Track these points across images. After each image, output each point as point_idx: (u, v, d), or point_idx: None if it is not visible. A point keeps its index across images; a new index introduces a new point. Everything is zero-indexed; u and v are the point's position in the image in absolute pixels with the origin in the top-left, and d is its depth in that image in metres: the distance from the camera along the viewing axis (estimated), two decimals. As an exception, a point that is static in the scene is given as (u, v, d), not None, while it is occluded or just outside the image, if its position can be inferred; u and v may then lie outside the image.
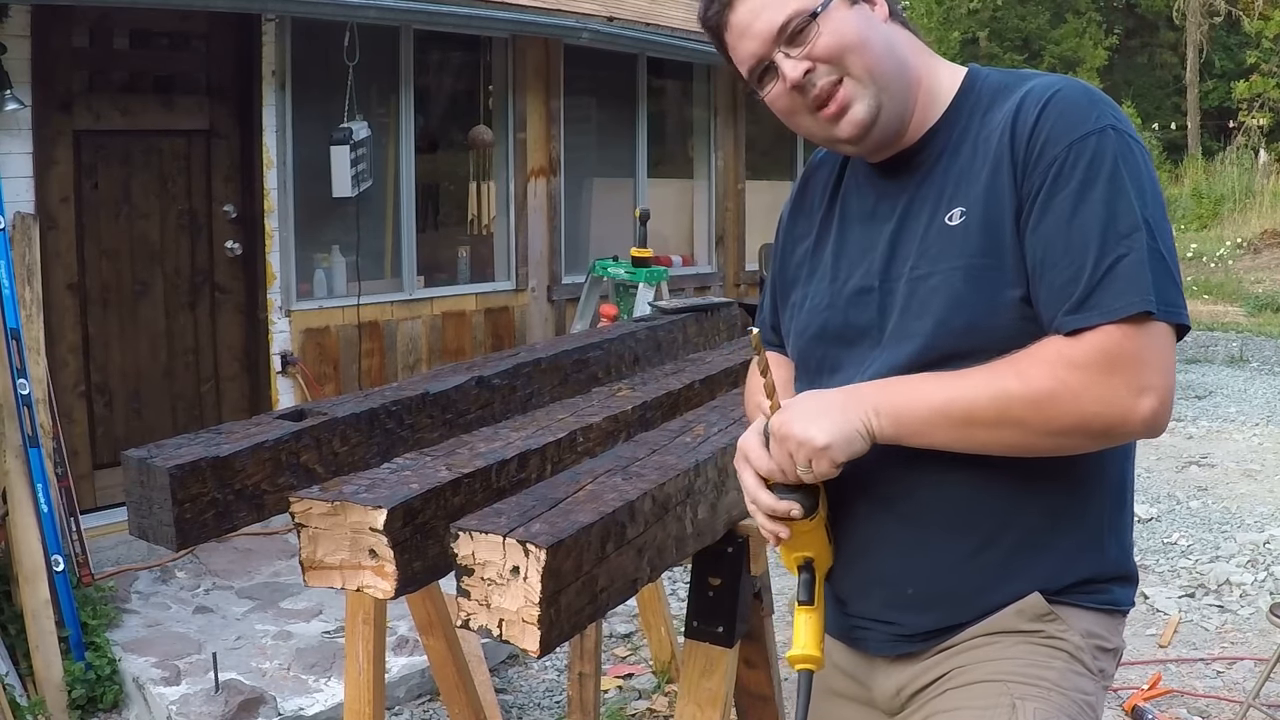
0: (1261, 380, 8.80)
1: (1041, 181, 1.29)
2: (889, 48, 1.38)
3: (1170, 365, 1.27)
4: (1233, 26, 26.04)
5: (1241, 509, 5.74)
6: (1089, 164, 1.27)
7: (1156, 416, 1.25)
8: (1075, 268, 1.26)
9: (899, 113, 1.39)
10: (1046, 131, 1.30)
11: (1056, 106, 1.31)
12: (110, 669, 3.81)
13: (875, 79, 1.36)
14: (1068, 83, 1.35)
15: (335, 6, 5.11)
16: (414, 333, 5.90)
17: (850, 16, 1.36)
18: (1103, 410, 1.24)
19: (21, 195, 4.42)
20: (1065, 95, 1.32)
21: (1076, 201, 1.27)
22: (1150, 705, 3.70)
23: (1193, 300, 13.61)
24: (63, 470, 4.26)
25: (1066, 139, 1.28)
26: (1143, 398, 1.24)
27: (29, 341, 4.14)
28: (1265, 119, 24.55)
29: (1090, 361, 1.24)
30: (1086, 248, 1.25)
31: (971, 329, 1.32)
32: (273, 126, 5.22)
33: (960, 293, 1.33)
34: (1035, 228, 1.29)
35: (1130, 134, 1.32)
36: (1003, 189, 1.31)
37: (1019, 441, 1.29)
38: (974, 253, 1.32)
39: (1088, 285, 1.25)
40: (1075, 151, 1.27)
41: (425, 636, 2.67)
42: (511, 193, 6.45)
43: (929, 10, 27.68)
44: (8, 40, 4.31)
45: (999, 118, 1.35)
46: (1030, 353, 1.28)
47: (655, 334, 2.80)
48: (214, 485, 1.70)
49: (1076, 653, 1.42)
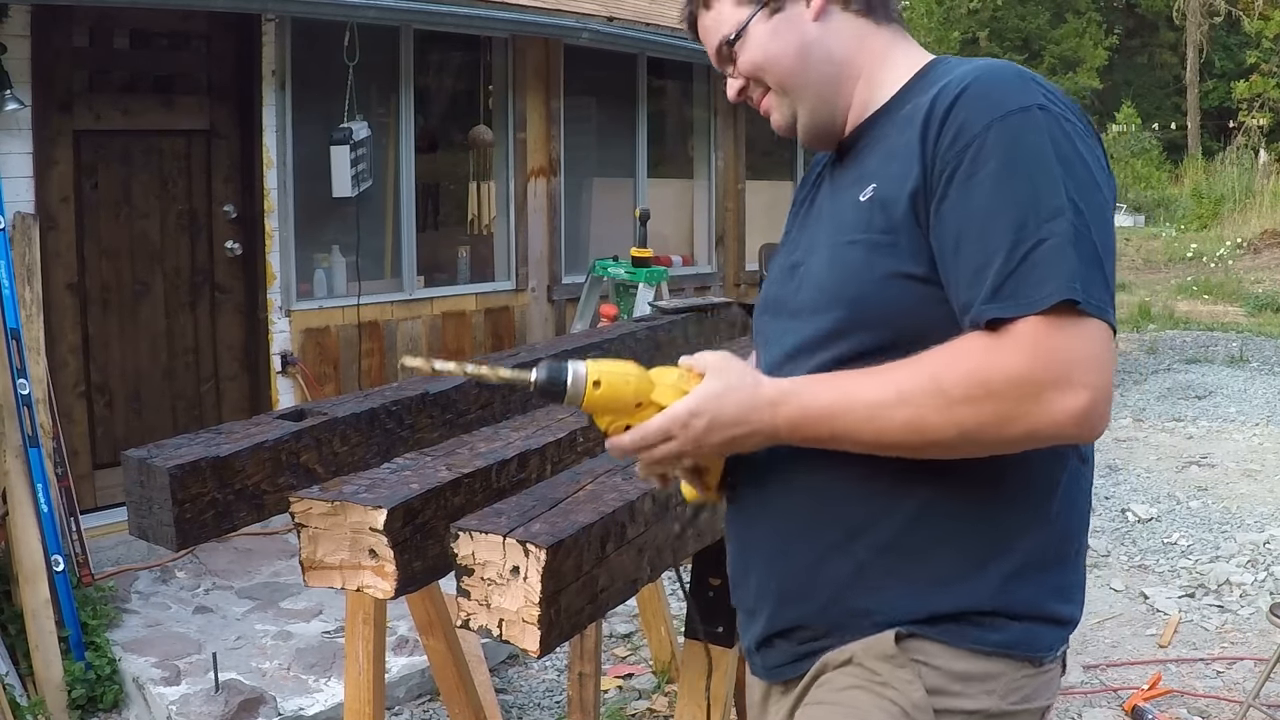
0: (1261, 380, 8.80)
1: (958, 161, 1.20)
2: (803, 55, 1.38)
3: (1104, 362, 1.16)
4: (1233, 26, 26.04)
5: (1241, 509, 5.74)
6: (1011, 142, 1.19)
7: (1088, 417, 1.15)
8: (989, 252, 1.17)
9: (827, 111, 1.40)
10: (967, 109, 1.22)
11: (980, 85, 1.24)
12: (110, 669, 3.81)
13: (789, 89, 1.39)
14: (1003, 66, 1.29)
15: (335, 6, 5.11)
16: (414, 333, 5.90)
17: (763, 35, 1.38)
18: (1026, 412, 1.14)
19: (21, 195, 4.42)
20: (992, 74, 1.26)
21: (995, 182, 1.18)
22: (1150, 705, 3.70)
23: (1193, 300, 13.61)
24: (63, 470, 4.26)
25: (987, 116, 1.20)
26: (1070, 396, 1.14)
27: (29, 341, 4.14)
28: (1265, 119, 24.56)
29: (1011, 359, 1.14)
30: (1004, 231, 1.16)
31: (862, 301, 1.27)
32: (273, 126, 5.22)
33: (856, 267, 1.28)
34: (950, 208, 1.21)
35: (1066, 114, 1.23)
36: (909, 165, 1.25)
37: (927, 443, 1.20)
38: (875, 229, 1.27)
39: (1002, 271, 1.16)
40: (997, 130, 1.19)
41: (425, 636, 2.67)
42: (511, 193, 6.45)
43: (929, 10, 27.68)
44: (8, 40, 4.31)
45: (926, 97, 1.29)
46: (948, 350, 1.19)
47: (655, 334, 2.80)
48: (214, 485, 1.70)
49: (914, 711, 1.26)
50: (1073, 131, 1.22)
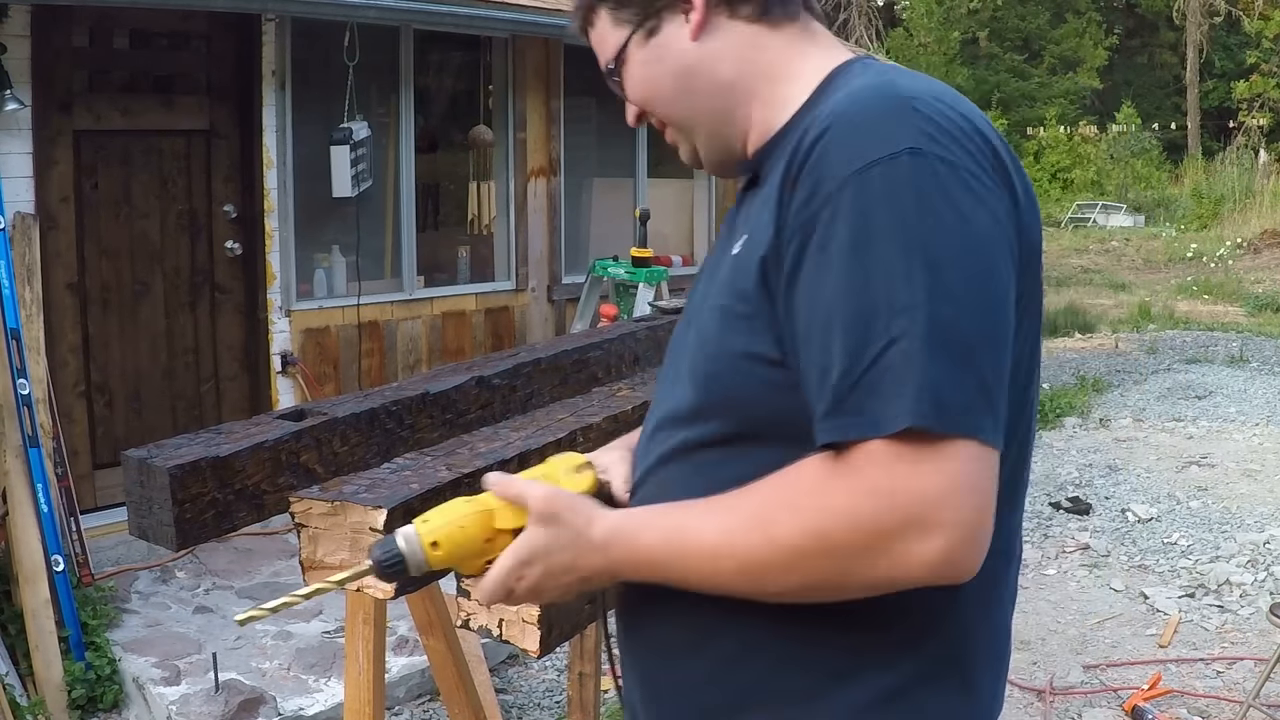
0: (1261, 380, 8.79)
1: (809, 228, 0.98)
2: (685, 85, 1.18)
3: (969, 490, 0.93)
4: (1233, 26, 26.06)
5: (1241, 509, 5.74)
6: (865, 207, 0.95)
7: (948, 562, 0.94)
8: (832, 353, 0.95)
9: (721, 143, 1.20)
10: (825, 158, 0.99)
11: (844, 123, 1.00)
12: (110, 669, 3.81)
13: (674, 122, 1.22)
14: (879, 91, 1.03)
15: (335, 6, 5.11)
16: (414, 333, 5.90)
17: (638, 67, 1.20)
18: (872, 564, 0.95)
19: (21, 195, 4.42)
20: (860, 106, 1.01)
21: (844, 261, 0.95)
22: (1150, 705, 3.70)
23: (1193, 300, 13.61)
24: (63, 470, 4.26)
25: (845, 169, 0.97)
26: (924, 542, 0.93)
27: (29, 341, 4.14)
28: (1265, 119, 24.59)
29: (850, 501, 0.94)
30: (848, 327, 0.94)
31: (712, 381, 1.09)
32: (273, 126, 5.22)
33: (711, 338, 1.09)
34: (800, 290, 0.99)
35: (948, 154, 0.97)
36: (767, 224, 1.04)
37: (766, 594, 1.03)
38: (735, 294, 1.07)
39: (844, 381, 0.94)
40: (853, 189, 0.96)
41: (425, 636, 2.67)
42: (511, 193, 6.45)
43: (929, 10, 27.69)
44: (8, 40, 4.31)
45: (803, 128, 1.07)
46: (784, 483, 1.00)
47: (655, 334, 2.80)
48: (214, 485, 1.70)
49: None
50: (953, 179, 0.97)
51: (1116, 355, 9.92)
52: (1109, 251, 18.30)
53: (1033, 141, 26.47)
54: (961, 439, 0.92)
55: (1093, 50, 28.01)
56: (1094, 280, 15.53)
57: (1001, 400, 0.97)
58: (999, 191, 1.00)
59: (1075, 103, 28.01)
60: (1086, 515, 5.73)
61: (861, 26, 23.78)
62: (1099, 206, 22.39)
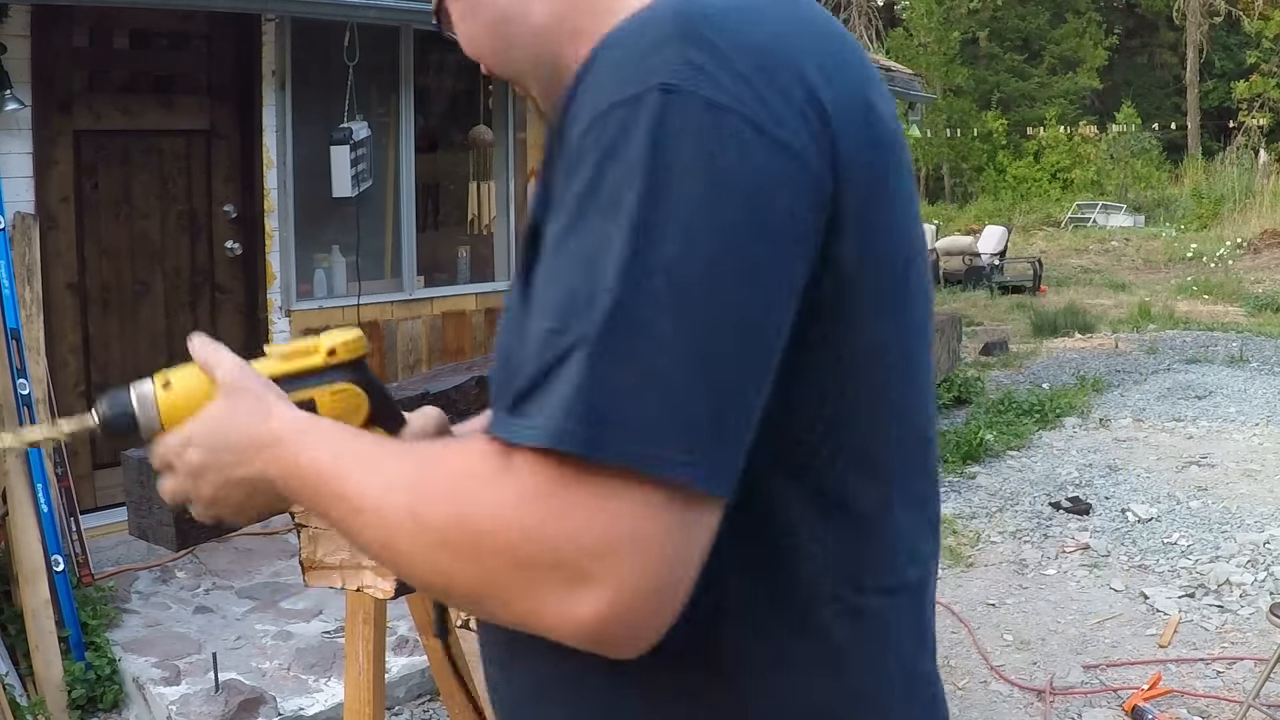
0: (1261, 380, 8.80)
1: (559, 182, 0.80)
2: (502, 34, 0.99)
3: (640, 542, 0.70)
4: (1233, 26, 26.08)
5: (1241, 509, 5.74)
6: (600, 160, 0.75)
7: (607, 628, 0.71)
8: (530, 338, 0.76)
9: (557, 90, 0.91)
10: (582, 97, 0.80)
11: (606, 55, 0.80)
12: (110, 669, 3.81)
13: (507, 78, 1.04)
14: (654, 12, 0.80)
15: (335, 6, 5.11)
16: (414, 333, 5.91)
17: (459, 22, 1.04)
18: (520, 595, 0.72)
19: (21, 195, 4.42)
20: (626, 33, 0.80)
21: (566, 227, 0.76)
22: (1150, 705, 3.70)
23: (1193, 300, 13.62)
24: (63, 470, 4.26)
25: (590, 111, 0.77)
26: (576, 595, 0.70)
27: (29, 341, 4.14)
28: (1265, 119, 24.61)
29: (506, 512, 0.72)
30: (552, 308, 0.75)
31: (506, 354, 0.91)
32: (273, 126, 5.22)
33: (509, 307, 0.93)
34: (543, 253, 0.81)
35: (714, 97, 0.74)
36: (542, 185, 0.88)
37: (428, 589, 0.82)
38: (521, 262, 0.89)
39: (539, 371, 0.73)
40: (594, 136, 0.76)
41: (425, 636, 2.67)
42: (511, 193, 6.45)
43: (929, 10, 27.70)
44: (8, 40, 4.31)
45: None
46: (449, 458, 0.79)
47: (655, 334, 2.79)
48: (214, 485, 1.69)
49: None
50: (717, 128, 0.74)
51: (1116, 355, 9.92)
52: (1109, 251, 18.31)
53: (1033, 141, 26.50)
54: (634, 474, 0.70)
55: (1093, 50, 28.05)
56: (1094, 280, 15.54)
57: (728, 432, 0.73)
58: (802, 153, 0.76)
59: (1075, 103, 28.04)
60: (1086, 515, 5.73)
61: (861, 26, 23.81)
62: (1099, 206, 22.41)
